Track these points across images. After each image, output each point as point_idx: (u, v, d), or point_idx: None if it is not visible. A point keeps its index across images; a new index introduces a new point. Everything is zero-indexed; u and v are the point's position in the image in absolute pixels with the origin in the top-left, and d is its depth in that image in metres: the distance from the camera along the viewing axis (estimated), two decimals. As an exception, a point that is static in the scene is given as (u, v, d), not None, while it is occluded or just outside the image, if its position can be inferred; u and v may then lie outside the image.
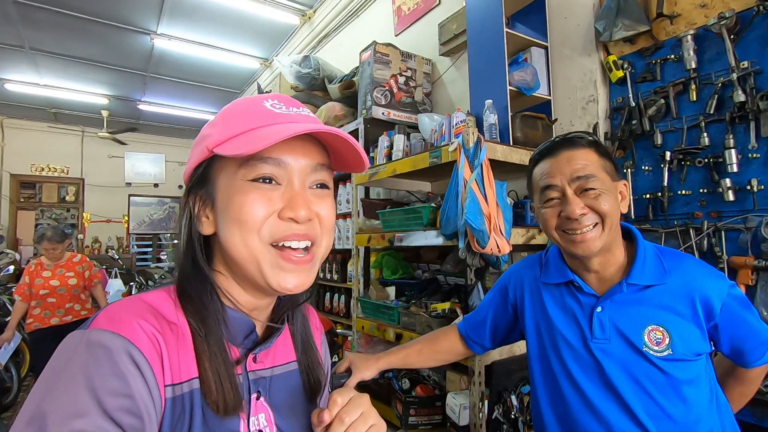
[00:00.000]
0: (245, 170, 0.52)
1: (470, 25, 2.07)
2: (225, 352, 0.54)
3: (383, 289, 2.15)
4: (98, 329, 0.46)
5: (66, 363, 0.44)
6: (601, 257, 0.91)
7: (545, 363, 0.98)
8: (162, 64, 5.49)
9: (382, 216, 1.98)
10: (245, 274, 0.54)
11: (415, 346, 1.18)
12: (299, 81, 3.31)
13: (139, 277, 5.32)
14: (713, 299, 0.85)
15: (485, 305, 1.17)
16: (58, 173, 8.29)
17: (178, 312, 0.54)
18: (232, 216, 0.52)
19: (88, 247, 8.15)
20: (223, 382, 0.52)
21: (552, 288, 1.00)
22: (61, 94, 6.46)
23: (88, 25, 4.47)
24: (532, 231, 1.69)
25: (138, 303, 0.52)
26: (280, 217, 0.52)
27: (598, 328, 0.89)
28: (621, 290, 0.89)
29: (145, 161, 8.97)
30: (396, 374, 1.80)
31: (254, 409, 0.57)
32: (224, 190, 0.54)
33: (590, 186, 0.87)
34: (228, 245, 0.53)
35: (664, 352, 0.84)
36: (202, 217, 0.56)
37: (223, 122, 0.54)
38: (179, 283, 0.56)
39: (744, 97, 1.44)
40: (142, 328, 0.48)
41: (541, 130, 1.90)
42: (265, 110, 0.55)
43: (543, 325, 1.00)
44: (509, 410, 1.48)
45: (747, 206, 1.45)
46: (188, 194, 0.57)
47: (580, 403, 0.90)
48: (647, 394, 0.84)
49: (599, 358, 0.88)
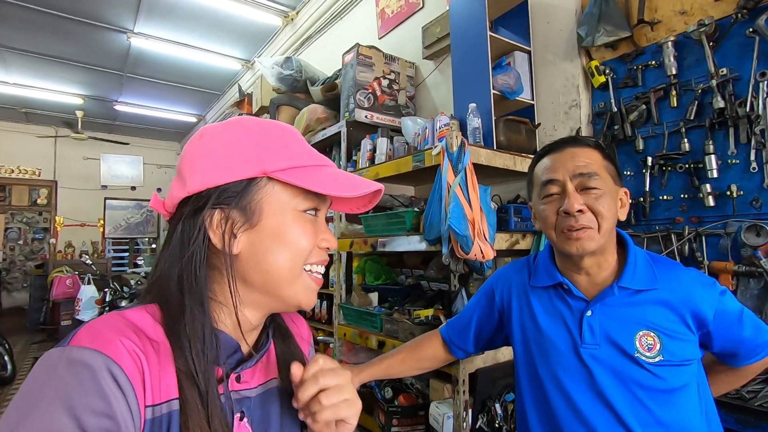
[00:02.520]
0: (302, 201, 0.56)
1: (454, 28, 2.05)
2: (210, 374, 0.52)
3: (366, 296, 2.11)
4: (79, 347, 0.45)
5: (45, 381, 0.43)
6: (594, 259, 0.89)
7: (532, 369, 0.96)
8: (139, 63, 5.35)
9: (365, 221, 1.94)
10: (274, 293, 0.57)
11: (397, 356, 1.14)
12: (281, 83, 3.26)
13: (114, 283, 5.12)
14: (705, 308, 0.83)
15: (470, 309, 1.14)
16: (29, 175, 8.00)
17: (159, 330, 0.52)
18: (285, 240, 0.55)
19: (61, 252, 7.86)
20: (209, 405, 0.50)
21: (540, 291, 0.98)
22: (32, 94, 6.23)
23: (61, 22, 4.31)
24: (516, 236, 1.67)
25: (119, 320, 0.50)
26: (319, 245, 0.59)
27: (588, 333, 0.87)
28: (612, 293, 0.87)
29: (121, 163, 8.73)
30: (378, 383, 1.76)
31: (237, 430, 0.55)
32: (276, 215, 0.55)
33: (592, 185, 0.86)
34: (270, 264, 0.55)
35: (656, 358, 0.82)
36: (226, 236, 0.54)
37: (279, 146, 0.56)
38: (165, 301, 0.54)
39: (723, 104, 1.45)
40: (125, 345, 0.47)
41: (525, 135, 1.89)
42: (305, 143, 0.60)
43: (530, 329, 0.97)
44: (493, 419, 1.45)
45: (727, 211, 1.46)
46: (205, 208, 0.54)
47: (568, 411, 0.88)
48: (638, 401, 0.82)
49: (589, 364, 0.86)
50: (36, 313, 6.49)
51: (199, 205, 0.54)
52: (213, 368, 0.52)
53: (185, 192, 0.54)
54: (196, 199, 0.54)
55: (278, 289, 0.57)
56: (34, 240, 8.88)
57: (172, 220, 0.57)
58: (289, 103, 3.16)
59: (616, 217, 0.88)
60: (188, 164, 0.55)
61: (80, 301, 5.09)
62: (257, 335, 0.63)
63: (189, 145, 0.57)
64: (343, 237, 2.13)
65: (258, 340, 0.64)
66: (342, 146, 2.49)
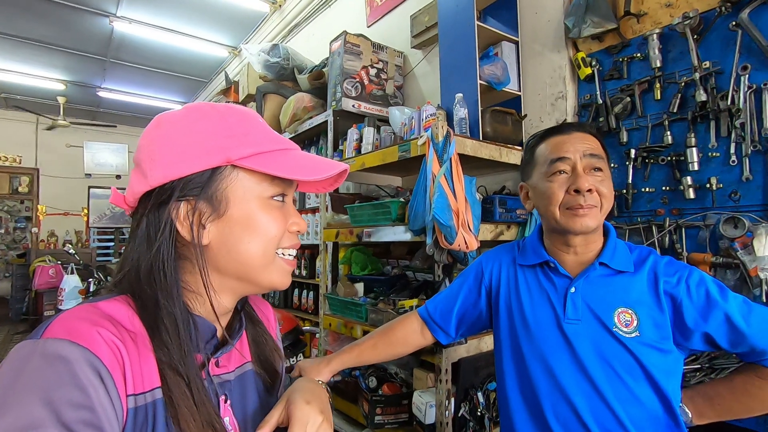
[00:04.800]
0: (268, 187, 0.56)
1: (442, 17, 2.03)
2: (191, 361, 0.52)
3: (351, 286, 2.11)
4: (55, 339, 0.43)
5: (16, 376, 0.41)
6: (584, 237, 0.93)
7: (515, 345, 0.98)
8: (123, 49, 5.22)
9: (351, 211, 1.93)
10: (249, 278, 0.57)
11: (368, 341, 1.12)
12: (267, 70, 3.20)
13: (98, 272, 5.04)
14: (673, 283, 0.86)
15: (455, 287, 1.13)
16: (9, 162, 7.80)
17: (136, 320, 0.51)
18: (255, 229, 0.55)
19: (44, 241, 7.71)
20: (195, 392, 0.51)
21: (527, 270, 1.01)
22: (11, 78, 6.05)
23: (40, 5, 4.18)
24: (500, 227, 1.68)
25: (93, 311, 0.49)
26: (289, 230, 0.59)
27: (571, 308, 0.90)
28: (594, 269, 0.91)
29: (105, 151, 8.53)
30: (363, 372, 1.76)
31: (222, 412, 0.57)
32: (243, 203, 0.54)
33: (599, 166, 0.90)
34: (241, 254, 0.55)
35: (632, 334, 0.84)
36: (194, 227, 0.53)
37: (240, 133, 0.54)
38: (137, 291, 0.53)
39: (705, 97, 1.46)
40: (102, 336, 0.46)
41: (511, 126, 1.89)
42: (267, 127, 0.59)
43: (515, 306, 0.99)
44: (476, 407, 1.47)
45: (706, 204, 1.48)
46: (170, 201, 0.52)
47: (549, 386, 0.90)
48: (617, 376, 0.84)
49: (571, 338, 0.89)
50: (18, 303, 6.37)
51: (163, 198, 0.52)
52: (193, 356, 0.52)
53: (147, 185, 0.52)
54: (159, 192, 0.52)
55: (252, 276, 0.57)
56: (15, 229, 8.67)
57: (135, 214, 0.56)
58: (275, 92, 3.11)
59: (613, 200, 0.92)
60: (147, 156, 0.53)
61: (63, 291, 4.99)
62: (229, 318, 0.64)
63: (146, 134, 0.55)
64: (329, 227, 2.12)
65: (231, 324, 0.64)
66: (329, 135, 2.47)
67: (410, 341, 1.14)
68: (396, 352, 1.15)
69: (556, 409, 0.89)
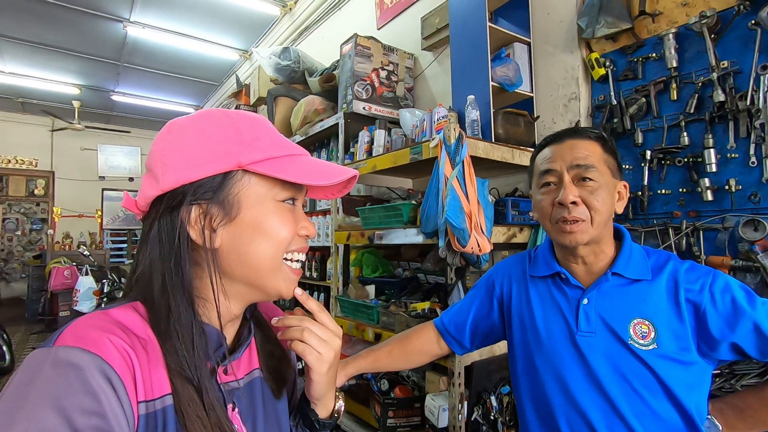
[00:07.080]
0: (279, 191, 0.57)
1: (453, 19, 2.02)
2: (202, 369, 0.52)
3: (362, 288, 2.11)
4: (66, 346, 0.44)
5: (29, 383, 0.42)
6: (590, 248, 0.90)
7: (528, 359, 0.96)
8: (136, 53, 5.30)
9: (362, 213, 1.93)
10: (256, 284, 0.57)
11: (385, 348, 1.12)
12: (278, 73, 3.22)
13: (112, 274, 5.12)
14: (696, 291, 0.82)
15: (468, 300, 1.13)
16: (26, 165, 7.96)
17: (147, 327, 0.52)
18: (266, 231, 0.55)
19: (59, 242, 7.85)
20: (206, 399, 0.51)
21: (539, 281, 0.99)
22: (28, 83, 6.18)
23: (56, 11, 4.26)
24: (513, 229, 1.67)
25: (104, 318, 0.50)
26: (299, 233, 0.59)
27: (584, 321, 0.87)
28: (606, 280, 0.88)
29: (119, 154, 8.69)
30: (375, 375, 1.76)
31: (232, 421, 0.57)
32: (254, 207, 0.55)
33: (588, 176, 0.86)
34: (251, 256, 0.55)
35: (649, 346, 0.81)
36: (206, 231, 0.54)
37: (251, 138, 0.55)
38: (149, 300, 0.53)
39: (723, 97, 1.44)
40: (113, 343, 0.46)
41: (523, 127, 1.88)
42: (277, 133, 0.60)
43: (527, 318, 0.97)
44: (488, 411, 1.45)
45: (725, 206, 1.45)
46: (181, 205, 0.53)
47: (563, 400, 0.87)
48: (633, 391, 0.81)
49: (585, 351, 0.86)
50: (34, 304, 6.49)
51: (175, 202, 0.53)
52: (204, 363, 0.53)
53: (158, 190, 0.53)
54: (171, 196, 0.53)
55: (259, 280, 0.57)
56: (32, 231, 8.84)
57: (146, 218, 0.56)
58: (286, 94, 3.13)
59: (611, 210, 0.88)
60: (159, 161, 0.53)
61: (78, 292, 5.09)
62: (238, 325, 0.64)
63: (158, 140, 0.56)
64: (340, 229, 2.12)
65: (239, 331, 0.64)
66: (340, 138, 2.47)
67: (426, 350, 1.14)
68: (412, 360, 1.15)
69: (570, 424, 0.86)
